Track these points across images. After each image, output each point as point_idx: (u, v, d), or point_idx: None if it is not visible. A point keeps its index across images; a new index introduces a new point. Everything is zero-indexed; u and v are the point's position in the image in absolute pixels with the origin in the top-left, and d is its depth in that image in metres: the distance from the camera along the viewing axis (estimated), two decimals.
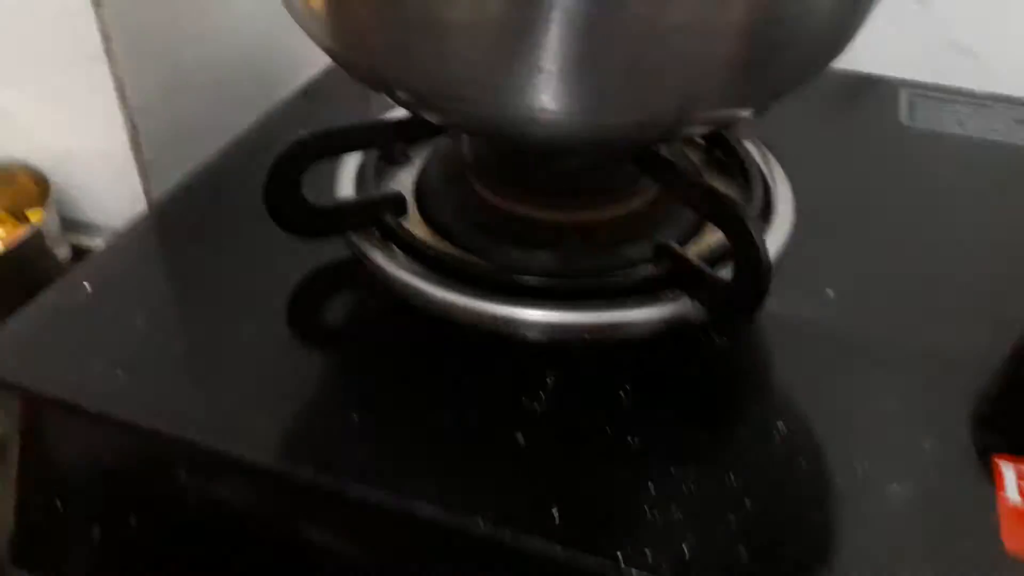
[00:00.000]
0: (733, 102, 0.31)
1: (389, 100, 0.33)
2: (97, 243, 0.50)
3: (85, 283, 0.34)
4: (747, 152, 0.42)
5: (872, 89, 0.50)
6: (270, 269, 0.37)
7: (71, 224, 0.49)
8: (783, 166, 0.41)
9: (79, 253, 0.49)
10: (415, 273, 0.35)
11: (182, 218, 0.40)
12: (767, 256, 0.30)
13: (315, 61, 0.41)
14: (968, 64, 0.54)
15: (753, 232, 0.30)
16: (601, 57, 0.27)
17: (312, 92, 0.49)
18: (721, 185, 0.41)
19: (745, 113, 0.33)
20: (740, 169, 0.41)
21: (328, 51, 0.32)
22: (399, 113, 0.38)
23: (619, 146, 0.35)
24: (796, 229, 0.37)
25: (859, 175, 0.43)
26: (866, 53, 0.37)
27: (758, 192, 0.39)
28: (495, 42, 0.27)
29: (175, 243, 0.39)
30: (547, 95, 0.27)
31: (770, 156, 0.42)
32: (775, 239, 0.36)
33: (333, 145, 0.36)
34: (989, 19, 0.54)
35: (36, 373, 0.32)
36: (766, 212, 0.38)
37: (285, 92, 0.53)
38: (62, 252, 0.48)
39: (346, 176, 0.40)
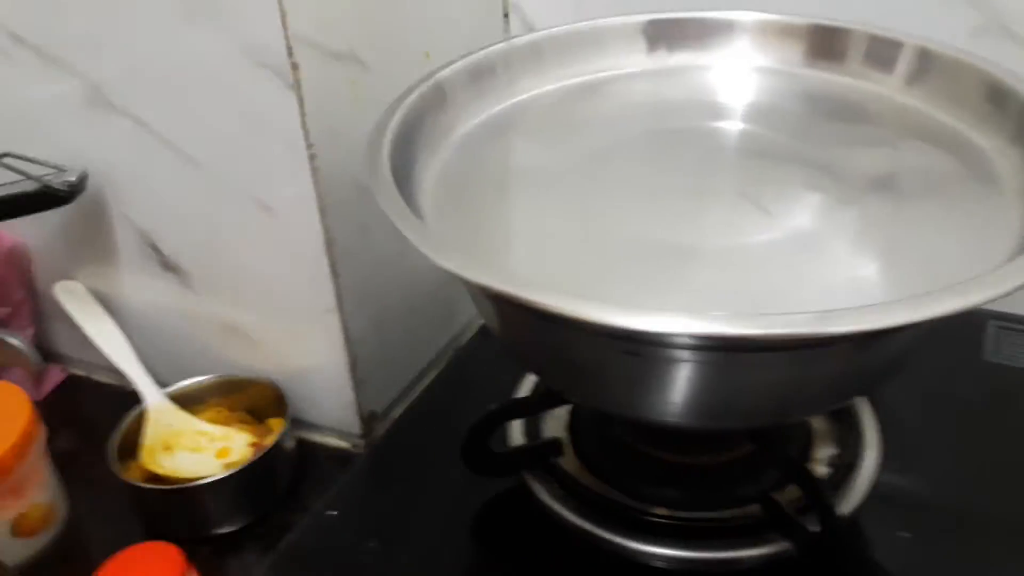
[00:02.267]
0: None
1: None
2: (315, 438, 0.66)
3: (331, 511, 0.49)
4: None
5: (958, 322, 0.58)
6: (460, 494, 0.51)
7: (296, 423, 0.65)
8: (871, 403, 0.51)
9: (302, 445, 0.64)
10: (568, 506, 0.47)
11: (393, 454, 0.56)
12: (841, 523, 0.40)
13: None
14: None
15: (827, 500, 0.41)
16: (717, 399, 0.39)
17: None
18: (820, 422, 0.51)
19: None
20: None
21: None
22: None
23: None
24: (881, 469, 0.47)
25: (942, 413, 0.52)
26: None
27: (851, 439, 0.49)
28: (636, 390, 0.39)
29: (392, 477, 0.54)
30: (673, 417, 0.39)
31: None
32: (860, 486, 0.46)
33: (514, 413, 0.50)
34: None
35: None
36: (855, 455, 0.48)
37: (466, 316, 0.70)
38: (289, 445, 0.63)
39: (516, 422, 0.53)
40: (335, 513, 0.51)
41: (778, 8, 0.53)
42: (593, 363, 0.40)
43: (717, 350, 0.36)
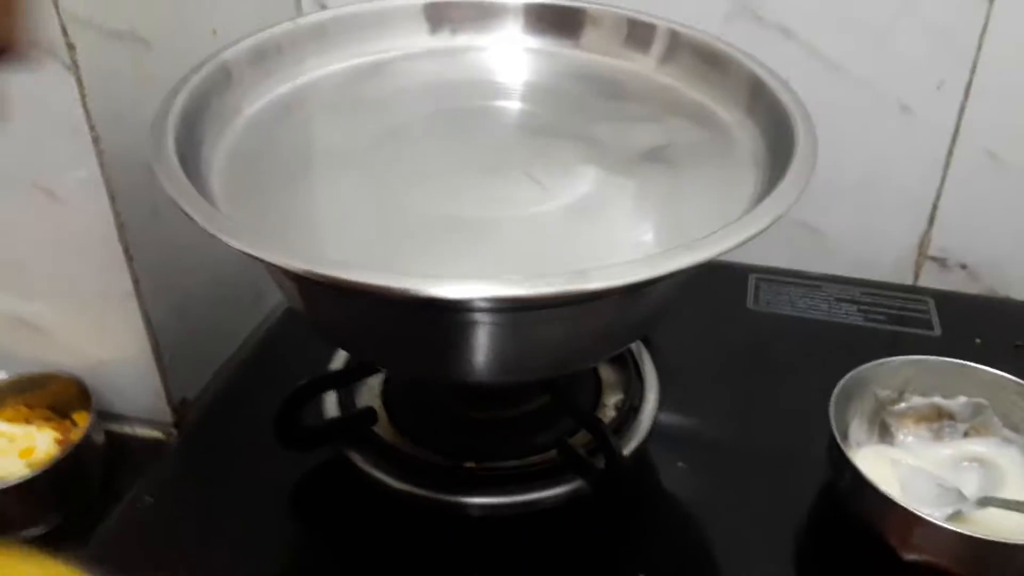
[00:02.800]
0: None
1: None
2: (126, 430, 0.64)
3: (147, 497, 0.49)
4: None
5: (726, 275, 0.67)
6: (276, 472, 0.52)
7: (104, 415, 0.63)
8: (652, 353, 0.57)
9: (111, 438, 0.63)
10: (385, 470, 0.49)
11: (207, 439, 0.56)
12: (621, 460, 0.46)
13: None
14: (815, 241, 0.71)
15: (612, 443, 0.46)
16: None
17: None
18: (608, 372, 0.57)
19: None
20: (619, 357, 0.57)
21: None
22: None
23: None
24: (661, 409, 0.53)
25: (712, 357, 0.60)
26: None
27: (633, 385, 0.54)
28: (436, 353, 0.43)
29: (206, 461, 0.55)
30: (474, 375, 0.43)
31: (642, 347, 0.57)
32: (642, 426, 0.52)
33: (324, 385, 0.52)
34: (829, 202, 0.71)
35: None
36: (638, 397, 0.54)
37: (275, 297, 0.70)
38: (99, 439, 0.61)
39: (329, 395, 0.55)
40: (151, 500, 0.50)
41: None
42: (396, 333, 0.43)
43: (501, 311, 0.39)
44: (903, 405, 0.52)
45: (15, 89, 0.49)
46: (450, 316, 0.40)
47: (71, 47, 0.48)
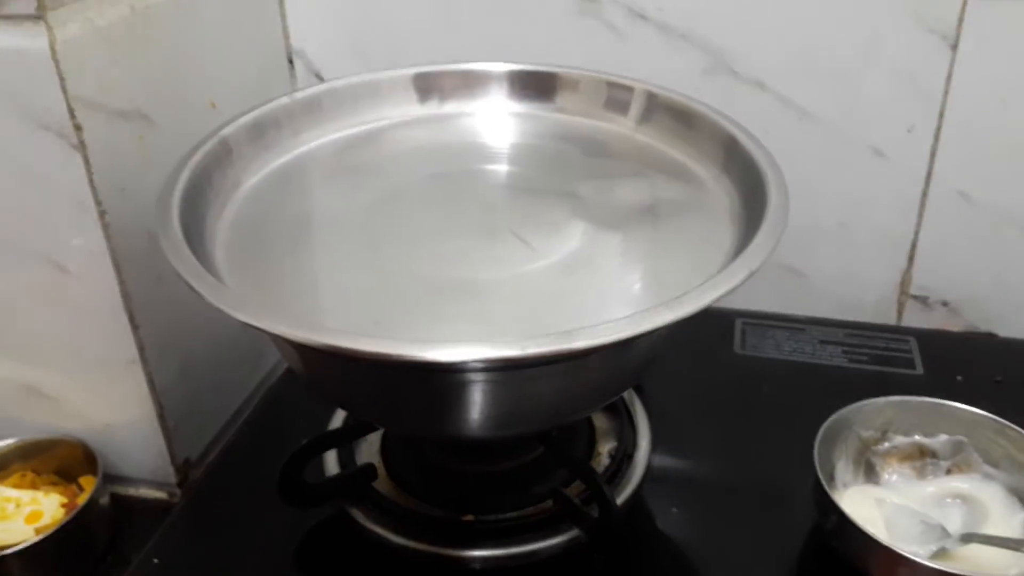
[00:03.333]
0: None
1: None
2: (130, 491, 0.66)
3: (155, 559, 0.51)
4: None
5: (713, 320, 0.69)
6: (280, 530, 0.54)
7: (109, 478, 0.64)
8: (643, 400, 0.59)
9: (116, 500, 0.64)
10: (385, 525, 0.51)
11: (211, 498, 0.58)
12: (614, 507, 0.47)
13: None
14: (799, 285, 0.74)
15: (606, 492, 0.47)
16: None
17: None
18: (602, 420, 0.59)
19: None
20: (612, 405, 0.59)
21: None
22: None
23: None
24: (653, 455, 0.55)
25: (702, 401, 0.62)
26: None
27: (626, 432, 0.56)
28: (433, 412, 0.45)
29: (211, 520, 0.56)
30: (470, 431, 0.45)
31: (634, 394, 0.59)
32: (636, 472, 0.53)
33: (326, 444, 0.54)
34: (810, 244, 0.74)
35: None
36: (632, 445, 0.55)
37: (275, 356, 0.72)
38: (104, 502, 0.63)
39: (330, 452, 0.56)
40: (156, 561, 0.52)
41: (531, 59, 0.60)
42: (393, 394, 0.45)
43: (494, 371, 0.41)
44: (887, 445, 0.53)
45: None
46: (445, 377, 0.42)
47: (78, 128, 0.51)
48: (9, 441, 0.63)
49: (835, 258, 0.73)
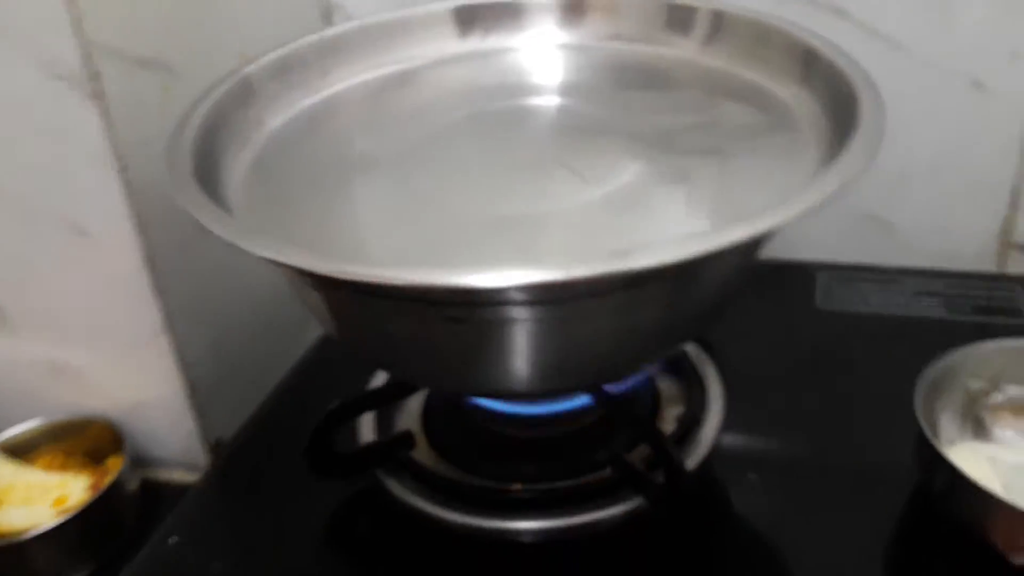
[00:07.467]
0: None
1: None
2: (161, 474, 0.64)
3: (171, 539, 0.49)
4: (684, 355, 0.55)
5: (791, 273, 0.65)
6: (310, 504, 0.51)
7: (139, 461, 0.63)
8: (714, 361, 0.54)
9: (146, 483, 0.63)
10: (424, 496, 0.48)
11: (239, 473, 0.55)
12: (682, 472, 0.43)
13: None
14: (886, 235, 0.69)
15: (673, 454, 0.44)
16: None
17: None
18: (668, 384, 0.55)
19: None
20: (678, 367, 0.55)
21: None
22: None
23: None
24: (726, 419, 0.50)
25: (781, 362, 0.57)
26: (790, 236, 0.51)
27: (695, 396, 0.52)
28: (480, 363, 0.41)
29: (236, 496, 0.54)
30: (518, 384, 0.42)
31: (703, 355, 0.55)
32: (706, 437, 0.49)
33: (357, 408, 0.51)
34: (899, 191, 0.69)
35: None
36: (701, 409, 0.51)
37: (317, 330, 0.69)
38: (132, 485, 0.61)
39: (366, 420, 0.53)
40: (176, 539, 0.50)
41: None
42: (430, 339, 0.41)
43: (541, 303, 0.38)
44: (999, 397, 0.48)
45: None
46: (484, 315, 0.39)
47: (96, 76, 0.50)
48: (38, 422, 0.62)
49: (927, 205, 0.67)
